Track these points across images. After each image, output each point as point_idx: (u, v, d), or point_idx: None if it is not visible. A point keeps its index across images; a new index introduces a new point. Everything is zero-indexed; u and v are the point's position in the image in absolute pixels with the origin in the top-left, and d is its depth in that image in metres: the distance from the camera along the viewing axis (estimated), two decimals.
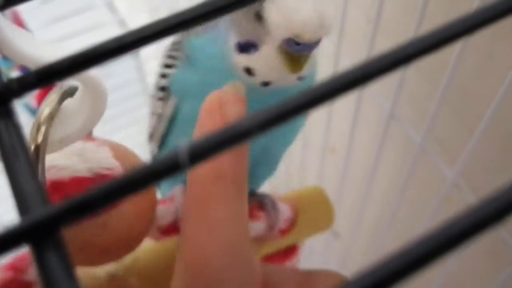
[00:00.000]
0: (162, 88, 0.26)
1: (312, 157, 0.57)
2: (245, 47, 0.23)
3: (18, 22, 0.42)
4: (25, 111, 0.59)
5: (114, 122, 0.80)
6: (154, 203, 0.20)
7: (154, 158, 0.26)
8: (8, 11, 0.41)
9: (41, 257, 0.09)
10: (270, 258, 0.32)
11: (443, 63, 0.32)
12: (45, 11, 0.57)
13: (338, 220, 0.57)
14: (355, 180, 0.50)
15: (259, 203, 0.30)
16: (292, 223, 0.31)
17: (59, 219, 0.09)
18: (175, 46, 0.27)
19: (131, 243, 0.19)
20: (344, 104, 0.38)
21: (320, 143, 0.50)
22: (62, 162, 0.17)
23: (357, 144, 0.46)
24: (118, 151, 0.19)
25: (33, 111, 0.50)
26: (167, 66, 0.26)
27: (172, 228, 0.26)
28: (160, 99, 0.27)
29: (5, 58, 0.13)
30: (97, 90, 0.15)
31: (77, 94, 0.16)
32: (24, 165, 0.10)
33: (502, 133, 0.33)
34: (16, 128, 0.11)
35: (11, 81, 0.11)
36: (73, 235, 0.17)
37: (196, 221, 0.17)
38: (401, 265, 0.08)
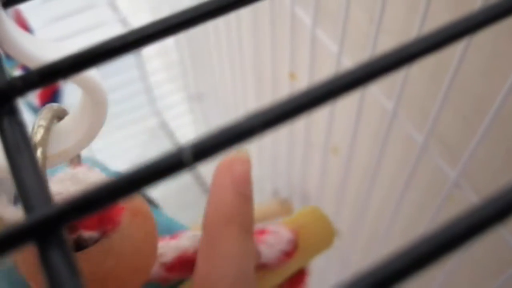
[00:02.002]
0: None
1: (314, 156, 0.57)
2: None
3: (21, 20, 0.42)
4: (27, 110, 0.59)
5: (115, 121, 0.81)
6: (155, 226, 0.20)
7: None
8: (10, 10, 0.41)
9: (45, 255, 0.09)
10: (282, 286, 0.33)
11: (446, 63, 0.32)
12: (47, 10, 0.57)
13: (340, 218, 0.58)
14: (357, 179, 0.50)
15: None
16: (295, 245, 0.31)
17: (63, 217, 0.09)
18: None
19: (140, 269, 0.19)
20: (347, 103, 0.38)
21: (322, 143, 0.50)
22: (56, 188, 0.17)
23: (360, 143, 0.46)
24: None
25: (35, 110, 0.51)
26: None
27: (176, 264, 0.27)
28: None
29: (8, 57, 0.13)
30: (98, 98, 0.15)
31: (78, 104, 0.16)
32: (28, 163, 0.10)
33: (505, 133, 0.33)
34: (19, 126, 0.11)
35: (15, 79, 0.11)
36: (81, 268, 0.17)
37: (209, 256, 0.19)
38: (402, 265, 0.08)
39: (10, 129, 0.10)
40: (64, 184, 0.18)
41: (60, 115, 0.16)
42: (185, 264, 0.28)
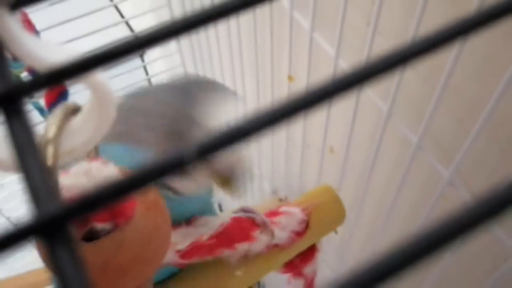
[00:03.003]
0: None
1: (311, 156, 0.57)
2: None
3: (27, 23, 0.42)
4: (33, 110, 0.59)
5: None
6: (168, 219, 0.20)
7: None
8: (17, 13, 0.41)
9: (54, 251, 0.09)
10: (292, 263, 0.33)
11: (440, 64, 0.32)
12: (52, 13, 0.57)
13: None
14: (353, 177, 0.51)
15: (250, 222, 0.32)
16: (306, 225, 0.32)
17: (70, 214, 0.09)
18: None
19: (150, 261, 0.20)
20: (343, 104, 0.38)
21: (319, 143, 0.51)
22: (70, 182, 0.18)
23: (355, 144, 0.46)
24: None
25: (42, 110, 0.51)
26: None
27: (191, 251, 0.27)
28: None
29: (15, 59, 0.13)
30: (105, 99, 0.15)
31: (86, 105, 0.16)
32: (35, 162, 0.10)
33: (498, 133, 0.33)
34: (27, 126, 0.11)
35: (24, 80, 0.11)
36: (92, 259, 0.18)
37: None
38: (396, 262, 0.08)
39: (18, 129, 0.11)
40: (78, 178, 0.18)
41: (74, 112, 0.17)
42: (199, 251, 0.28)
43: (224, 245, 0.29)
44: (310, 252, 0.35)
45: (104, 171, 0.18)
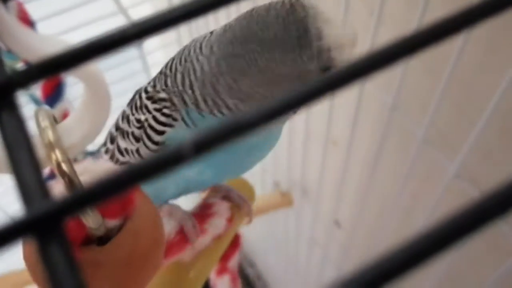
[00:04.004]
0: (156, 143, 0.27)
1: (314, 149, 0.57)
2: None
3: (23, 13, 0.42)
4: (29, 102, 0.59)
5: (117, 114, 0.80)
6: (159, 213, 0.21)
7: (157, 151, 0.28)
8: (13, 3, 0.40)
9: (45, 249, 0.09)
10: (227, 254, 0.35)
11: (445, 56, 0.32)
12: (49, 2, 0.56)
13: (340, 210, 0.58)
14: (357, 171, 0.50)
15: (225, 197, 0.33)
16: (231, 211, 0.34)
17: (63, 212, 0.09)
18: (167, 105, 0.28)
19: (162, 243, 0.21)
20: (346, 96, 0.38)
21: (322, 136, 0.51)
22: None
23: (359, 136, 0.46)
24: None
25: (38, 102, 0.50)
26: (163, 124, 0.27)
27: (168, 251, 0.28)
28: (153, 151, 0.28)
29: (10, 51, 0.13)
30: (100, 93, 0.15)
31: (81, 101, 0.16)
32: (27, 158, 0.10)
33: (503, 126, 0.33)
34: (19, 120, 0.11)
35: (15, 72, 0.11)
36: (116, 255, 0.18)
37: None
38: (402, 261, 0.08)
39: (10, 123, 0.10)
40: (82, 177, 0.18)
41: (55, 119, 0.17)
42: (172, 249, 0.30)
43: (187, 240, 0.31)
44: (235, 239, 0.37)
45: (99, 164, 0.19)
